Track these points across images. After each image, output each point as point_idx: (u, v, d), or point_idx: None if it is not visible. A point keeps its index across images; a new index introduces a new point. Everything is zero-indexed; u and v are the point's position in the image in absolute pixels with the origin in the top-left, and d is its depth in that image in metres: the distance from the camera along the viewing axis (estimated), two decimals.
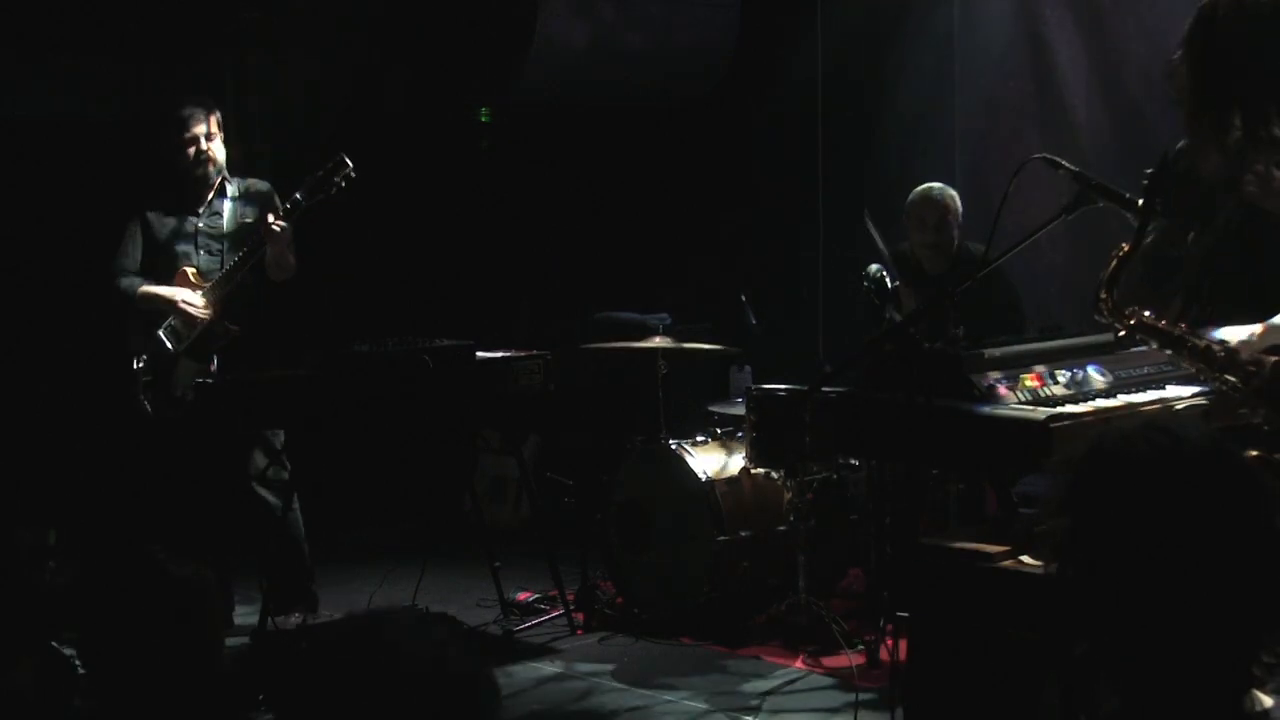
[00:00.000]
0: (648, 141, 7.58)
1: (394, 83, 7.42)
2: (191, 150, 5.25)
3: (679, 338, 5.70)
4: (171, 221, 5.33)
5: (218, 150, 5.31)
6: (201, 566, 2.19)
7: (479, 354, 5.21)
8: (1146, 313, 3.18)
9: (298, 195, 5.12)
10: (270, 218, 5.13)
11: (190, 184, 5.31)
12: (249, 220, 5.33)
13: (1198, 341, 3.12)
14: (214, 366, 5.19)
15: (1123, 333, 3.19)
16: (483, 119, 7.55)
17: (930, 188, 5.52)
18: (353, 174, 5.07)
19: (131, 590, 2.15)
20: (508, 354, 5.35)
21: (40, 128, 6.49)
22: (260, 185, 5.43)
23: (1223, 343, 3.11)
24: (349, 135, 6.48)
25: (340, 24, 7.21)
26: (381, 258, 7.17)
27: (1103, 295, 3.16)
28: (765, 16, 7.33)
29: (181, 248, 5.32)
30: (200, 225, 5.33)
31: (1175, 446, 1.56)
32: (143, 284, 5.29)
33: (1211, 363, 3.10)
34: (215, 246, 5.32)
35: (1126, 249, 3.15)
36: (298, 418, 5.08)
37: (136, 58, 6.71)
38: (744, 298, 6.01)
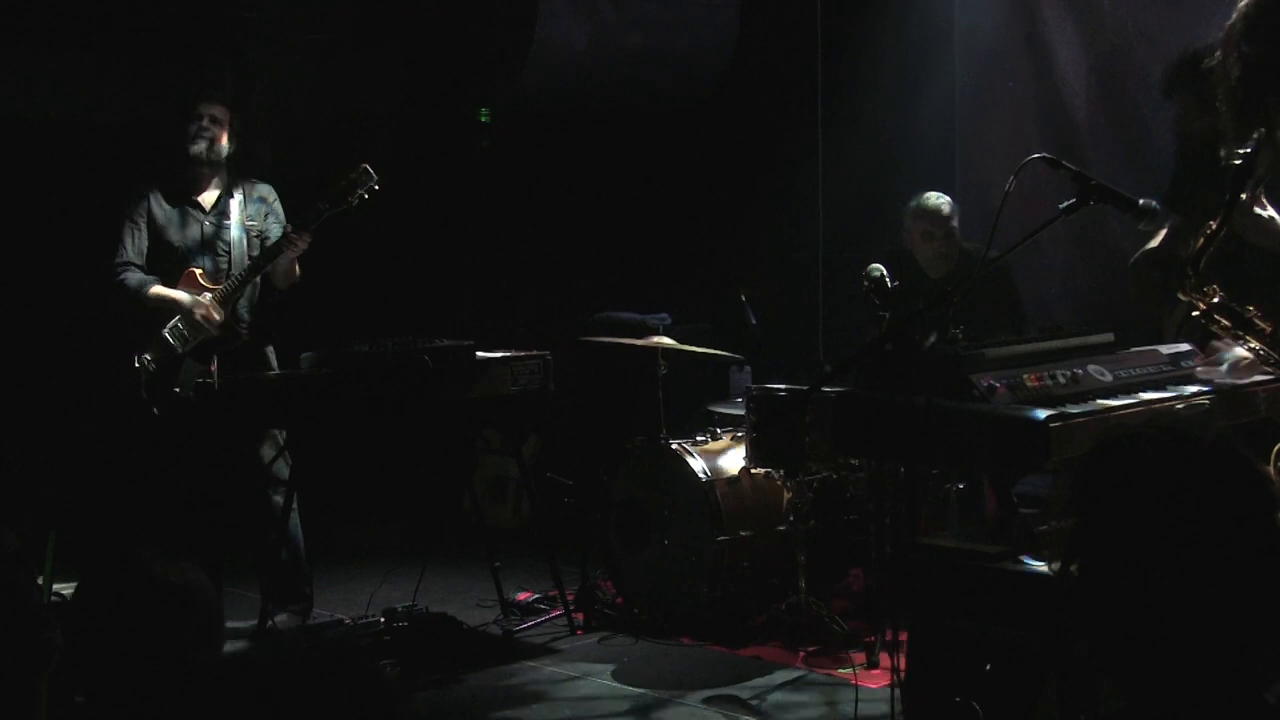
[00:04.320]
0: (647, 142, 7.58)
1: (394, 83, 7.42)
2: (193, 127, 5.23)
3: (679, 338, 5.69)
4: (176, 218, 5.31)
5: (222, 135, 5.28)
6: (196, 570, 2.18)
7: (479, 354, 5.21)
8: (1222, 292, 3.34)
9: (321, 205, 5.07)
10: (290, 230, 5.11)
11: (190, 166, 5.28)
12: (254, 224, 5.33)
13: (1265, 326, 3.33)
14: (214, 367, 5.19)
15: (1199, 310, 3.37)
16: (483, 119, 7.55)
17: (932, 199, 5.53)
18: (376, 185, 5.03)
19: (123, 596, 2.13)
20: (508, 354, 5.34)
21: (40, 128, 6.49)
22: (264, 189, 5.42)
23: None
24: (349, 135, 6.48)
25: (340, 24, 7.21)
26: (381, 258, 7.16)
27: (1189, 272, 3.28)
28: (765, 16, 7.33)
29: (189, 248, 5.30)
30: (207, 227, 5.31)
31: (1181, 445, 1.57)
32: (154, 284, 5.26)
33: (1276, 347, 3.31)
34: (223, 249, 5.31)
35: (1214, 226, 3.25)
36: (298, 418, 5.08)
37: (136, 58, 6.71)
38: (744, 298, 6.01)
